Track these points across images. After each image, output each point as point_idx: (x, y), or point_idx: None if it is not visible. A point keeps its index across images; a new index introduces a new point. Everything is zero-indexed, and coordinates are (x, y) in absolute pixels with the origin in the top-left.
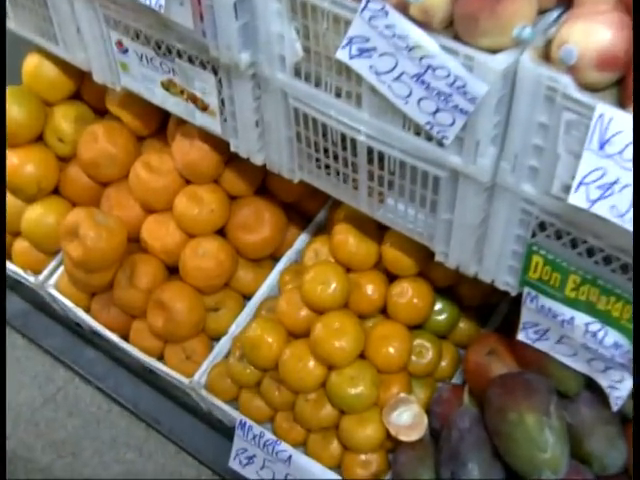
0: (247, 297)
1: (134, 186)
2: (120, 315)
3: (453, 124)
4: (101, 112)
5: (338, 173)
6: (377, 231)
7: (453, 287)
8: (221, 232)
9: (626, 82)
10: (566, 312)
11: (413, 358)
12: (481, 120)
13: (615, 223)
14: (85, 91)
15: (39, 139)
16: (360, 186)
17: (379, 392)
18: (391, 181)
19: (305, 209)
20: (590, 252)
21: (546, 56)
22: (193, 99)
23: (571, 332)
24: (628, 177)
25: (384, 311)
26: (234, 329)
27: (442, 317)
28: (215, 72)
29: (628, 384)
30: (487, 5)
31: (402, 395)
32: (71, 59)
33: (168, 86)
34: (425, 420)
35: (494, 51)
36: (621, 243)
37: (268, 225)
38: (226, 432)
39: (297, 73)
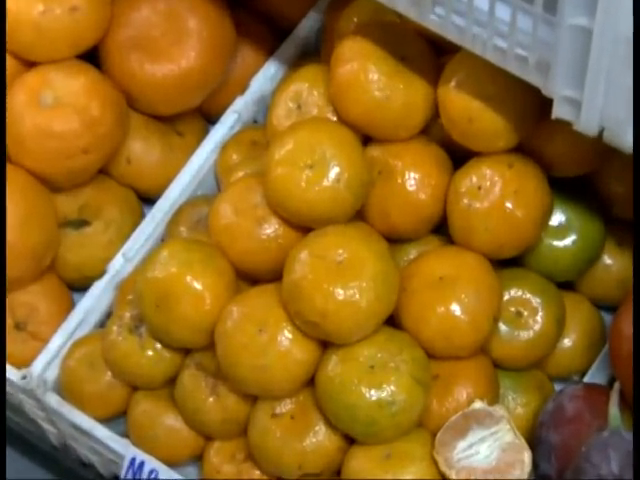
0: (148, 199)
1: None
2: None
3: None
4: None
5: None
6: (429, 56)
7: (589, 179)
8: (93, 58)
9: None
10: None
11: (502, 328)
12: None
13: None
14: None
15: None
16: None
17: (429, 398)
18: None
19: (276, 10)
20: None
21: None
22: None
23: None
24: None
25: (441, 228)
26: (120, 264)
27: (565, 243)
28: None
29: None
30: None
31: (478, 405)
32: None
33: None
34: (526, 457)
35: None
36: None
37: (195, 42)
38: None
39: None
